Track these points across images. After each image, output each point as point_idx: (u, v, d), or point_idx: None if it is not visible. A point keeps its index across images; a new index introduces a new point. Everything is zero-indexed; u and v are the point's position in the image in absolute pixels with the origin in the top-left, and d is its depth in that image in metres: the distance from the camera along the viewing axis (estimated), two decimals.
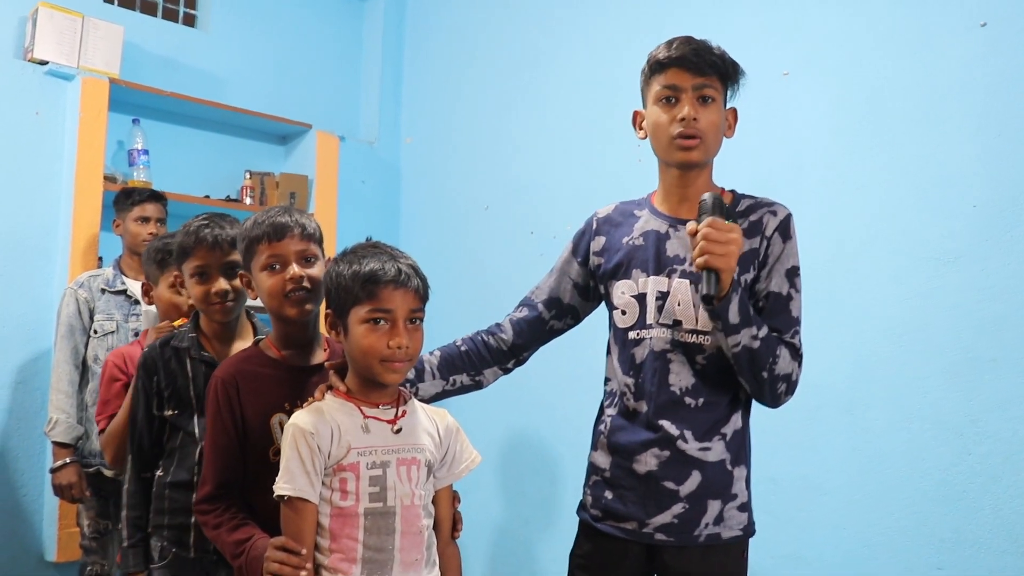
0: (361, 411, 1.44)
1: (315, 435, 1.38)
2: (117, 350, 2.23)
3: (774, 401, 1.55)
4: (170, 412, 1.76)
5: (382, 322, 1.40)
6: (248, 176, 3.62)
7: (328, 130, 3.80)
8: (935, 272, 2.19)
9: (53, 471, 2.62)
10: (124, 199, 2.85)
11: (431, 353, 1.72)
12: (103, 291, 2.74)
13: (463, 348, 1.73)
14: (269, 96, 3.82)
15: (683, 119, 1.52)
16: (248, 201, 3.58)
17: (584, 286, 1.73)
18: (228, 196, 3.62)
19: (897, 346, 2.24)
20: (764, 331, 1.48)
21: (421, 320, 1.45)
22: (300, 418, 1.41)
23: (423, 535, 1.44)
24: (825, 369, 2.37)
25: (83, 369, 2.72)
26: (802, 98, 2.51)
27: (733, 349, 1.47)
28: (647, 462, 1.55)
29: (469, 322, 1.86)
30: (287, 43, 3.94)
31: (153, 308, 2.23)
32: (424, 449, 1.47)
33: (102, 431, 2.09)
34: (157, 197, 2.87)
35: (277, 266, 1.55)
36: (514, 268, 3.29)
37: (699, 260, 1.41)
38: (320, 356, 1.65)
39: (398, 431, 1.45)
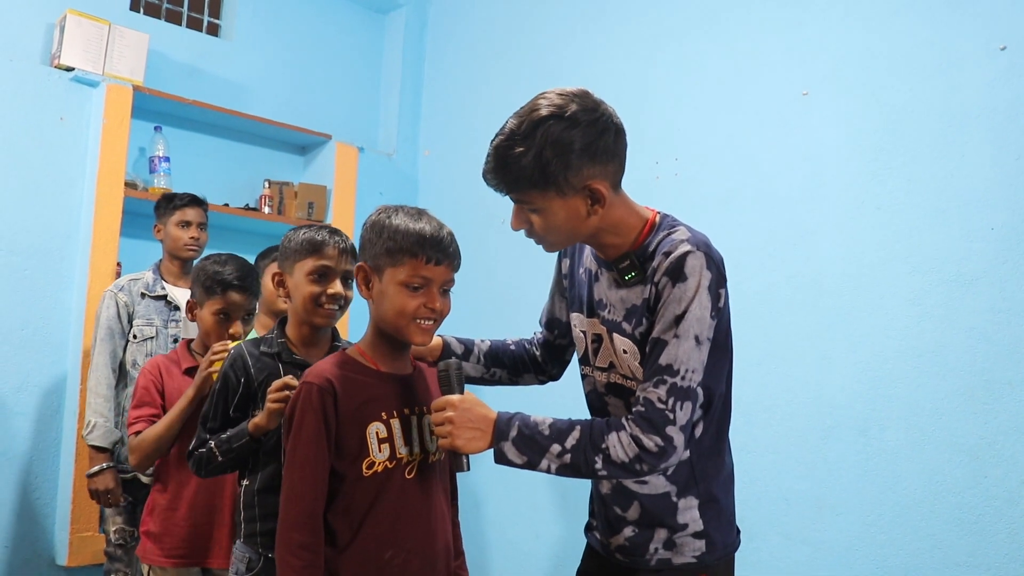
0: None
1: None
2: (154, 360, 2.22)
3: (646, 474, 1.42)
4: (238, 414, 1.76)
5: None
6: (267, 185, 3.65)
7: (347, 141, 3.83)
8: (952, 294, 2.18)
9: (90, 476, 2.58)
10: (166, 203, 2.85)
11: (482, 340, 1.79)
12: (143, 295, 2.70)
13: (512, 348, 1.80)
14: (290, 106, 3.85)
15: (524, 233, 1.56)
16: (267, 210, 3.60)
17: None
18: (247, 205, 3.64)
19: (913, 367, 2.23)
20: (573, 439, 1.40)
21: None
22: None
23: None
24: (841, 389, 2.36)
25: (120, 373, 2.68)
26: (821, 118, 2.51)
27: (548, 473, 1.43)
28: (604, 486, 1.61)
29: (483, 335, 1.87)
30: (309, 54, 3.98)
31: (194, 324, 2.25)
32: None
33: (134, 434, 2.08)
34: (198, 202, 2.88)
35: (419, 286, 1.46)
36: (529, 282, 3.27)
37: (440, 443, 1.44)
38: (410, 367, 1.58)
39: None
